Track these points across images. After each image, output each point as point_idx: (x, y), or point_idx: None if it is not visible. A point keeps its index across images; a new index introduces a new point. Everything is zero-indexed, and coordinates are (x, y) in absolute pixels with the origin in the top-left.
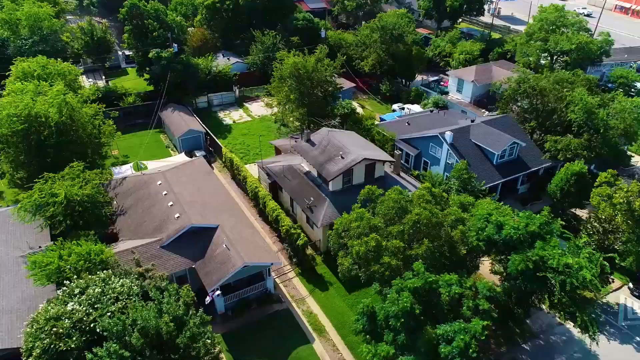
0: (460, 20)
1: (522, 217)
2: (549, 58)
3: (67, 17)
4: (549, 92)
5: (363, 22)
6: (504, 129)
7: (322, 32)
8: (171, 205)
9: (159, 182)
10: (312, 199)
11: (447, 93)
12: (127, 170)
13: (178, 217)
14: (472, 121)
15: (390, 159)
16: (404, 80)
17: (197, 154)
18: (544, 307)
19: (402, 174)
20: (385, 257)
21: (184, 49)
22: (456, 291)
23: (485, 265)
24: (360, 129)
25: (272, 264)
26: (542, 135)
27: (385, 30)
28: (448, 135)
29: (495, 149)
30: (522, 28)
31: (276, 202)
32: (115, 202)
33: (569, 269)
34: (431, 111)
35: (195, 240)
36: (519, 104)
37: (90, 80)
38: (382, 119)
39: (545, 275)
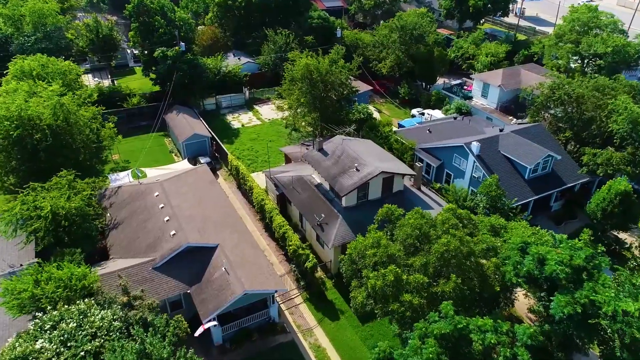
0: (482, 20)
1: (564, 247)
2: (579, 61)
3: (78, 14)
4: (587, 100)
5: (381, 22)
6: (536, 140)
7: (338, 31)
8: (167, 220)
9: (156, 194)
10: (322, 215)
11: (470, 98)
12: (124, 177)
13: (174, 234)
14: (501, 130)
15: (411, 172)
16: (424, 84)
17: (202, 161)
18: (592, 351)
19: (423, 188)
20: (406, 295)
21: (191, 48)
22: (491, 340)
23: (519, 296)
24: (377, 136)
25: (276, 291)
26: (578, 147)
27: (405, 30)
28: (475, 146)
29: (527, 162)
30: (548, 29)
31: (284, 216)
32: (108, 214)
33: (628, 316)
34: (455, 118)
35: (192, 261)
36: (552, 111)
37: (96, 79)
38: (400, 125)
39: (598, 322)
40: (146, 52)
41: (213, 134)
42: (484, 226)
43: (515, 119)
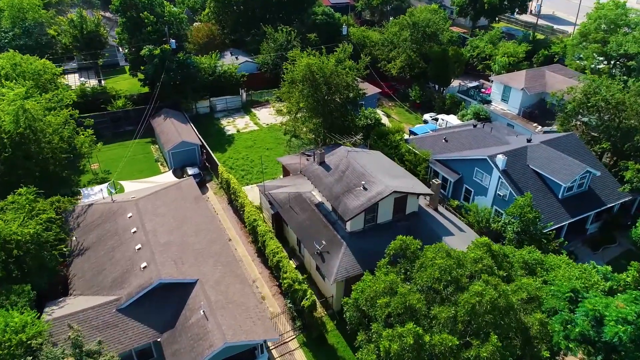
0: (496, 18)
1: (627, 297)
2: (605, 62)
3: (70, 10)
4: (629, 107)
5: (391, 19)
6: (569, 152)
7: (344, 28)
8: (139, 249)
9: (129, 215)
10: (323, 242)
11: (489, 102)
12: (99, 192)
13: (145, 267)
14: (529, 141)
15: (427, 191)
16: (437, 86)
17: (189, 172)
18: None
19: (440, 207)
20: None
21: (184, 46)
22: None
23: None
24: (386, 145)
25: (265, 340)
26: (616, 159)
27: (416, 28)
28: (500, 159)
29: (562, 179)
30: (566, 28)
31: (280, 238)
32: (74, 238)
33: None
34: (474, 125)
35: (165, 301)
36: (586, 119)
37: (82, 79)
38: (412, 132)
39: None
40: (134, 49)
41: (203, 141)
42: (517, 262)
43: (540, 127)
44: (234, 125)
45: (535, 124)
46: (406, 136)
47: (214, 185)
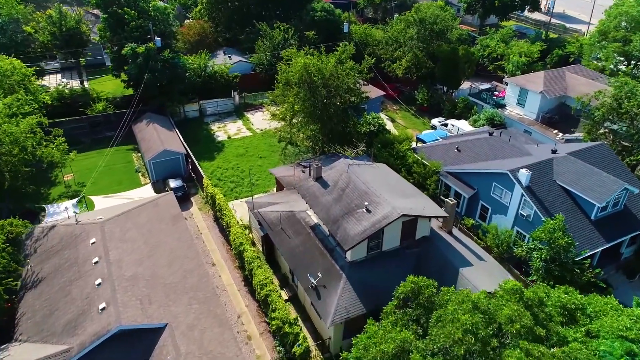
0: (498, 17)
1: None
2: (626, 63)
3: (49, 6)
4: None
5: (395, 15)
6: (600, 165)
7: (345, 26)
8: (99, 284)
9: (92, 241)
10: (319, 274)
11: (503, 106)
12: (65, 210)
13: (103, 309)
14: (554, 152)
15: (441, 212)
16: (445, 88)
17: (172, 185)
18: None
19: (454, 230)
20: None
21: (170, 44)
22: None
23: None
24: (392, 155)
25: None
26: None
27: (424, 25)
28: (523, 174)
29: (596, 197)
30: (579, 27)
31: (271, 264)
32: (28, 266)
33: None
34: (490, 133)
35: (127, 353)
36: (616, 127)
37: (63, 79)
38: (419, 140)
39: None
40: (116, 48)
41: (188, 150)
42: (553, 307)
43: (561, 134)
44: (225, 130)
45: (555, 131)
46: (413, 144)
47: (200, 200)
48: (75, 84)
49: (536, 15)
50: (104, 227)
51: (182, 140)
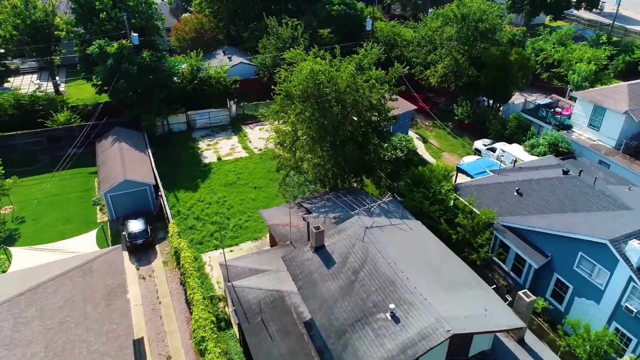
0: (549, 16)
1: None
2: None
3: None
4: None
5: (430, 10)
6: None
7: (368, 22)
8: None
9: None
10: None
11: (568, 127)
12: None
13: None
14: None
15: (513, 321)
16: (490, 101)
17: (130, 228)
18: None
19: (527, 333)
20: None
21: (155, 42)
22: None
23: None
24: (427, 199)
25: None
26: None
27: (467, 22)
28: (634, 249)
29: None
30: (637, 28)
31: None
32: None
33: None
34: (565, 172)
35: None
36: None
37: (37, 81)
38: (460, 170)
39: None
40: (84, 45)
41: (158, 181)
42: None
43: None
44: (215, 149)
45: None
46: (453, 173)
47: (167, 249)
48: (49, 87)
49: (589, 15)
50: None
51: (153, 165)
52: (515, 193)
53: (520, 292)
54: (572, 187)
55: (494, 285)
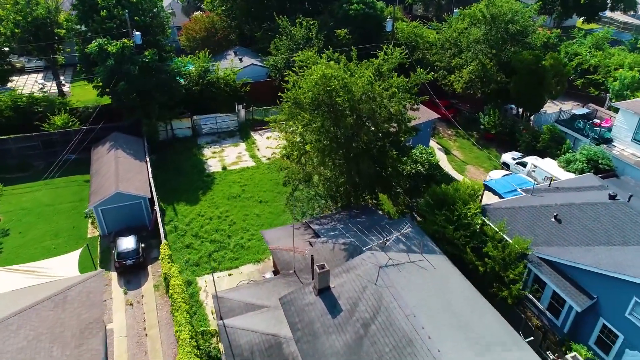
0: (582, 18)
1: None
2: None
3: None
4: None
5: (455, 10)
6: None
7: (388, 23)
8: None
9: None
10: None
11: (608, 141)
12: None
13: None
14: None
15: None
16: (520, 110)
17: (120, 246)
18: None
19: None
20: None
21: (159, 42)
22: None
23: None
24: (451, 222)
25: None
26: None
27: (496, 23)
28: None
29: None
30: None
31: None
32: None
33: None
34: (613, 197)
35: None
36: None
37: (41, 80)
38: (487, 188)
39: None
40: (85, 44)
41: (154, 194)
42: None
43: None
44: (220, 157)
45: None
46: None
47: (160, 270)
48: (53, 88)
49: (623, 17)
50: None
51: (151, 176)
52: (553, 219)
53: (568, 357)
54: (621, 215)
55: (529, 336)
